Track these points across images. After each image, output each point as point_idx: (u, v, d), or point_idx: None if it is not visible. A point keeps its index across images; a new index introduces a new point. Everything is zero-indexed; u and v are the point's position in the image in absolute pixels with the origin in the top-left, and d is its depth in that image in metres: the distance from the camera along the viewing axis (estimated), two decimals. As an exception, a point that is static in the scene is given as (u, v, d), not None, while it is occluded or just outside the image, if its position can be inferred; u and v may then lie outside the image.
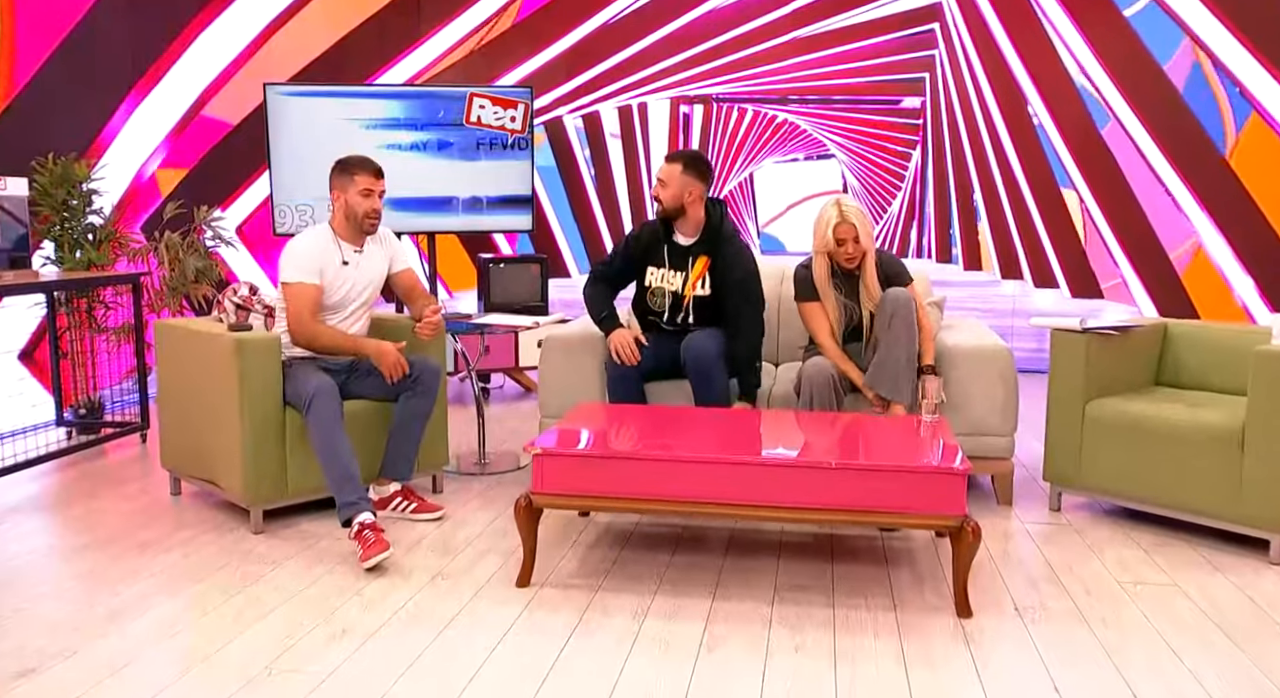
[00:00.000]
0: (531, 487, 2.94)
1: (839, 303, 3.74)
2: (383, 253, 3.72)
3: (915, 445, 3.05)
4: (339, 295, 3.59)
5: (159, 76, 5.74)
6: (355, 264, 3.62)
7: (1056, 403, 3.61)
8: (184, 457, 3.78)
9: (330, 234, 3.61)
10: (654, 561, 3.18)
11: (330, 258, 3.57)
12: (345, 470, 3.31)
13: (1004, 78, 6.57)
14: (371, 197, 3.57)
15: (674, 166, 3.76)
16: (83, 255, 4.87)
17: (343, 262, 3.59)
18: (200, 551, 3.30)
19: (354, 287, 3.62)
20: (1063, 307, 6.63)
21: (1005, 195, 6.68)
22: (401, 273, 3.76)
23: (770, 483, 2.79)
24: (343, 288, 3.59)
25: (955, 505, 2.71)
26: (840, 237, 3.63)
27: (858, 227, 3.63)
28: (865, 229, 3.68)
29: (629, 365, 3.72)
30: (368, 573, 3.07)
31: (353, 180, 3.55)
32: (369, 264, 3.67)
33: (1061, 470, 3.63)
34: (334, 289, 3.57)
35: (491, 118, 5.92)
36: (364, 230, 3.61)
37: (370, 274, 3.67)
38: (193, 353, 3.63)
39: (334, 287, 3.57)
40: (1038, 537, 3.42)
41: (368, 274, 3.66)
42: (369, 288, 3.68)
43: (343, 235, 3.61)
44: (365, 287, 3.66)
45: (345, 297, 3.61)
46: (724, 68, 6.96)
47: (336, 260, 3.58)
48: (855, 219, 3.64)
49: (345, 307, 3.62)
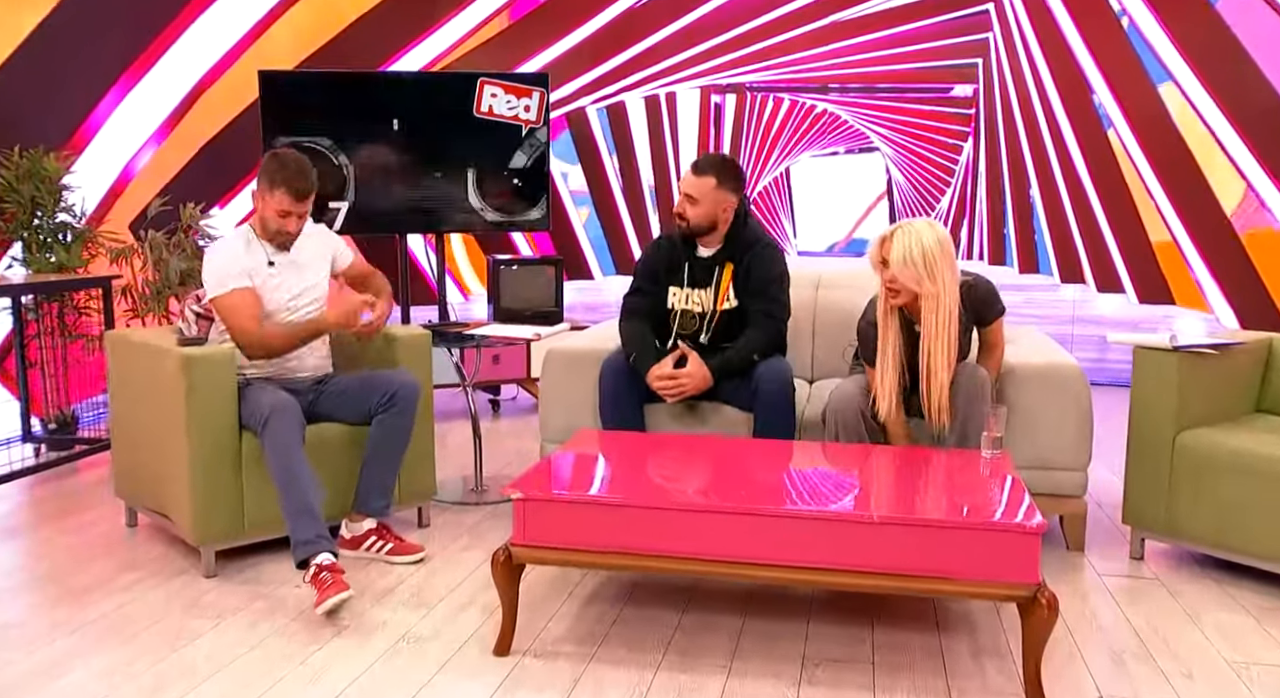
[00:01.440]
0: (512, 537, 2.46)
1: (897, 354, 2.97)
2: (321, 250, 3.30)
3: (975, 492, 2.53)
4: (272, 303, 3.16)
5: (150, 63, 5.34)
6: (284, 265, 3.20)
7: (1140, 434, 3.07)
8: (136, 486, 3.35)
9: (250, 234, 3.19)
10: (660, 620, 2.69)
11: (255, 260, 3.15)
12: (303, 502, 2.86)
13: (1066, 63, 5.98)
14: (288, 218, 3.13)
15: (705, 181, 3.23)
16: (56, 257, 4.48)
17: (268, 262, 3.17)
18: (142, 597, 2.86)
19: (286, 290, 3.19)
20: (1129, 314, 6.04)
21: (1066, 192, 6.09)
22: (350, 265, 3.38)
23: (796, 539, 2.29)
24: (274, 293, 3.16)
25: (1027, 572, 2.20)
26: (880, 257, 2.93)
27: (891, 259, 2.86)
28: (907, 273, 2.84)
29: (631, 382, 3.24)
30: (322, 629, 2.61)
31: (272, 195, 3.09)
32: (304, 262, 3.24)
33: (1145, 513, 3.09)
34: (263, 295, 3.15)
35: (504, 107, 5.46)
36: (275, 243, 3.20)
37: (307, 276, 3.24)
38: (141, 369, 3.20)
39: (263, 292, 3.15)
40: (1119, 594, 2.88)
41: (303, 275, 3.23)
42: (308, 292, 3.24)
43: (264, 236, 3.18)
44: (302, 290, 3.22)
45: (280, 303, 3.18)
46: (759, 54, 6.44)
47: (261, 262, 3.16)
48: (899, 242, 2.85)
49: (278, 315, 3.17)
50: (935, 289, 2.86)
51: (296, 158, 3.13)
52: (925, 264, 2.84)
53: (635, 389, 3.29)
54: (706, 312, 3.34)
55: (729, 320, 3.32)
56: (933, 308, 2.88)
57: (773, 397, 3.14)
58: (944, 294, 2.88)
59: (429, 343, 3.42)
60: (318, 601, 2.67)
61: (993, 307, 3.08)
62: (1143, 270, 6.01)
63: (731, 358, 3.25)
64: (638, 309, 3.42)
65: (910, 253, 2.83)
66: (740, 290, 3.30)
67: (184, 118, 5.52)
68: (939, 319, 2.89)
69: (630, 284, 3.48)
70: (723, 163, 3.29)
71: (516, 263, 5.40)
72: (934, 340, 2.90)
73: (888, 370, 2.96)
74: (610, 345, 3.50)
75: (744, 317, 3.31)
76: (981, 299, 3.06)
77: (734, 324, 3.32)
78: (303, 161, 3.12)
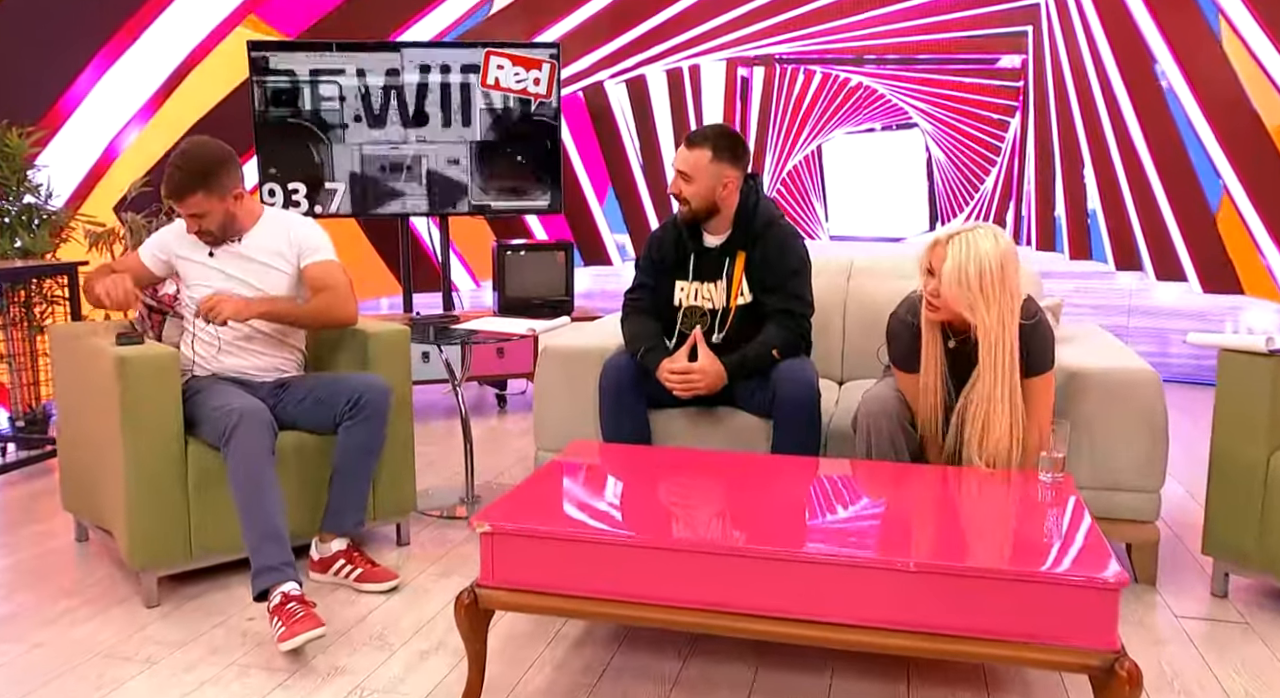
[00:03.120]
0: (479, 577, 2.08)
1: (940, 375, 2.52)
2: (280, 246, 2.88)
3: (1035, 532, 2.11)
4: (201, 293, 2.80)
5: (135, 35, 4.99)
6: (227, 261, 2.83)
7: (1226, 452, 2.62)
8: (81, 499, 3.00)
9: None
10: (657, 672, 2.29)
11: (191, 250, 2.84)
12: (269, 526, 2.49)
13: (1125, 30, 5.47)
14: (190, 220, 2.79)
15: (699, 154, 2.82)
16: (21, 242, 4.15)
17: (208, 253, 2.83)
18: (69, 633, 2.51)
19: (221, 281, 2.83)
20: (1192, 303, 5.53)
21: (1123, 171, 5.59)
22: (310, 266, 2.89)
23: (814, 589, 1.88)
24: (205, 282, 2.82)
25: (1102, 637, 1.77)
26: (927, 265, 2.45)
27: (950, 264, 2.36)
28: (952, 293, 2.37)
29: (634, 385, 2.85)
30: (263, 678, 2.24)
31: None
32: (254, 256, 2.85)
33: (1230, 543, 2.64)
34: (190, 284, 2.84)
35: (511, 80, 5.07)
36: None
37: (254, 272, 2.85)
38: (79, 369, 2.84)
39: (196, 285, 2.82)
40: (1202, 642, 2.45)
41: (250, 272, 2.84)
42: (245, 286, 2.84)
43: None
44: (246, 289, 2.83)
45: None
46: (789, 23, 5.97)
47: (199, 254, 2.84)
48: (954, 253, 2.36)
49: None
50: (990, 320, 2.36)
51: (182, 152, 2.74)
52: (980, 286, 2.34)
53: (640, 393, 2.90)
54: (718, 308, 2.92)
55: (744, 318, 2.90)
56: (989, 345, 2.39)
57: (793, 406, 2.73)
58: (1002, 329, 2.37)
59: (407, 340, 3.04)
60: (284, 635, 2.31)
61: (1046, 357, 2.52)
62: (1207, 257, 5.49)
63: (748, 354, 2.84)
64: (641, 306, 3.02)
65: (965, 270, 2.34)
66: (756, 283, 2.88)
67: (172, 94, 5.18)
68: (998, 360, 2.39)
69: (632, 280, 3.08)
70: (720, 132, 2.87)
71: (524, 248, 5.01)
72: (993, 385, 2.40)
73: (929, 390, 2.52)
74: (615, 342, 3.11)
75: (761, 313, 2.90)
76: (1039, 347, 2.49)
77: (750, 322, 2.90)
78: (186, 156, 2.72)
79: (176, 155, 2.73)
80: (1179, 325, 5.55)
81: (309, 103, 4.78)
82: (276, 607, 2.39)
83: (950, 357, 2.54)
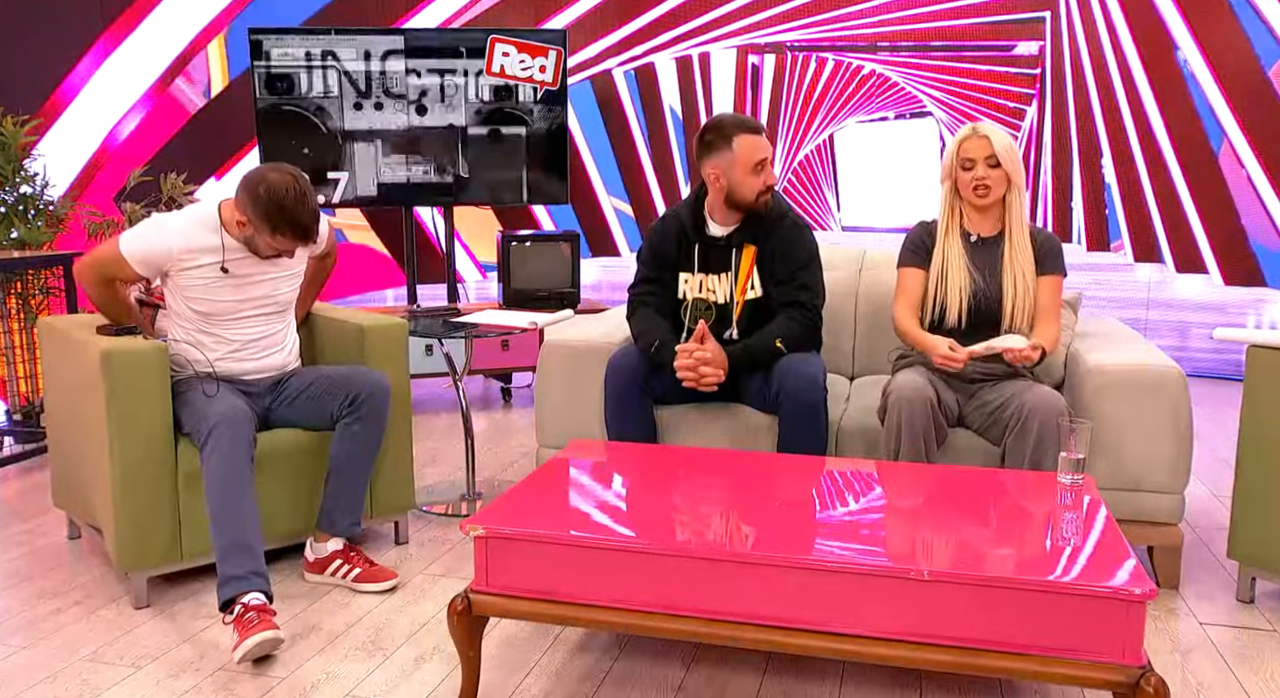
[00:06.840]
0: (473, 582, 1.99)
1: (967, 274, 2.73)
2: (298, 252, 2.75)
3: (1055, 538, 2.01)
4: (217, 305, 2.66)
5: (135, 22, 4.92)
6: (246, 274, 2.66)
7: (1255, 452, 2.51)
8: (71, 495, 2.93)
9: (215, 224, 2.61)
10: (660, 679, 2.21)
11: (203, 256, 2.60)
12: (239, 535, 2.41)
13: (1146, 16, 5.33)
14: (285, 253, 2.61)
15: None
16: (18, 233, 4.08)
17: (221, 269, 2.61)
18: (54, 635, 2.44)
19: (244, 297, 2.69)
20: (1213, 297, 5.40)
21: (1143, 161, 5.46)
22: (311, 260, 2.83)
23: (822, 598, 1.79)
24: (220, 293, 2.65)
25: (1127, 651, 1.68)
26: (968, 155, 2.71)
27: (993, 141, 2.68)
28: (1009, 156, 2.70)
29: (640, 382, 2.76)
30: (250, 685, 2.17)
31: (273, 237, 2.51)
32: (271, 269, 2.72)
33: (1258, 547, 2.54)
34: (207, 300, 2.65)
35: (517, 67, 4.97)
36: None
37: (267, 272, 2.71)
38: (68, 363, 2.76)
39: (205, 296, 2.64)
40: (1229, 652, 2.34)
41: (265, 282, 2.72)
42: (264, 298, 2.73)
43: (235, 233, 2.61)
44: (257, 294, 2.72)
45: (226, 305, 2.67)
46: (801, 10, 5.85)
47: (214, 263, 2.61)
48: (990, 132, 2.70)
49: (225, 315, 2.69)
50: (1017, 167, 2.72)
51: (295, 190, 2.47)
52: (1013, 147, 2.73)
53: (646, 390, 2.81)
54: (724, 301, 2.83)
55: (754, 313, 2.81)
56: (1016, 180, 2.72)
57: (797, 401, 2.63)
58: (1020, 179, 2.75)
59: (404, 334, 2.96)
60: (236, 643, 2.24)
61: (1057, 258, 2.77)
62: (1229, 248, 5.36)
63: (753, 345, 2.74)
64: (648, 300, 2.92)
65: (1010, 144, 2.72)
66: (768, 277, 2.78)
67: (173, 83, 5.10)
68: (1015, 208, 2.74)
69: (635, 274, 2.98)
70: (699, 132, 2.82)
71: (529, 239, 4.92)
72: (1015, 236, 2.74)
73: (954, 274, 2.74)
74: (619, 336, 3.02)
75: (772, 308, 2.80)
76: (1051, 248, 2.77)
77: (761, 318, 2.80)
78: (302, 194, 2.48)
79: (299, 195, 2.47)
80: (1200, 319, 5.43)
81: (311, 90, 4.70)
82: (236, 617, 2.31)
83: (980, 249, 2.77)
